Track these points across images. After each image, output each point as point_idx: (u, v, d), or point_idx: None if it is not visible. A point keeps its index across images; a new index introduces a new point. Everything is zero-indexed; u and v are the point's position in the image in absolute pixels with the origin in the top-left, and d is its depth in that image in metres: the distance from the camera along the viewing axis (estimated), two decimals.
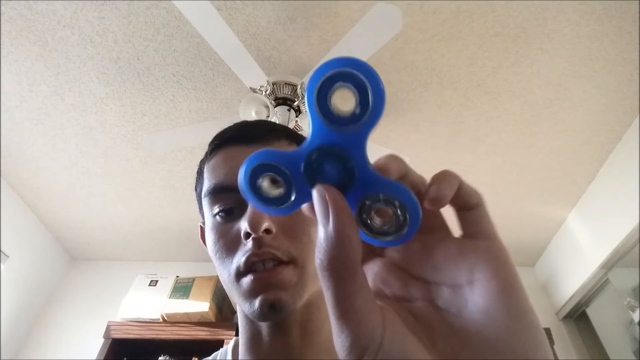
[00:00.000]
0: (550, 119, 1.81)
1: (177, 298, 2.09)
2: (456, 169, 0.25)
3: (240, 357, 0.50)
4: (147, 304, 2.09)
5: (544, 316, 2.43)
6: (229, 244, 0.46)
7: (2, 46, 1.58)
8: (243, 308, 0.45)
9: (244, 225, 0.43)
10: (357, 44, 1.36)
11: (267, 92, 1.56)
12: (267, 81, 1.53)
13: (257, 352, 0.48)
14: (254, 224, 0.42)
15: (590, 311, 2.28)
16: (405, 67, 1.63)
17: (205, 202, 0.50)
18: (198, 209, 0.55)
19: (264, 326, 0.47)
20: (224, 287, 0.48)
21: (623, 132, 1.86)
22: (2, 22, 1.50)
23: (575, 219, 2.26)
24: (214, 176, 0.49)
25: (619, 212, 1.89)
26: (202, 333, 2.00)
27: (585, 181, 2.11)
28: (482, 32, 1.51)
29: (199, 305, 2.04)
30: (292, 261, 0.44)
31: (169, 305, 2.07)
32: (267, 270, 0.43)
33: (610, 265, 2.03)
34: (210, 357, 0.54)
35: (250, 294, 0.43)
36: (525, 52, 1.57)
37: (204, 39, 1.37)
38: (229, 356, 0.53)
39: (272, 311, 0.42)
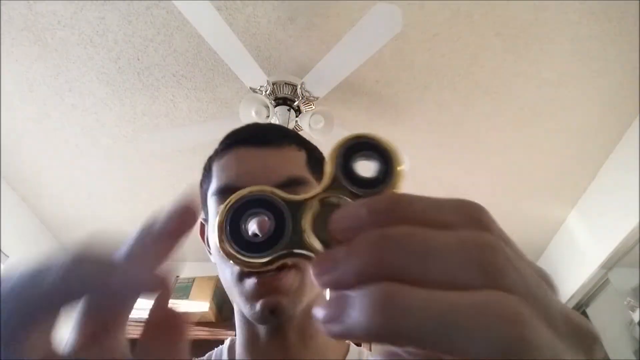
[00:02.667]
0: (550, 119, 1.81)
1: (177, 298, 2.09)
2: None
3: (237, 357, 0.50)
4: (147, 304, 2.09)
5: None
6: None
7: (2, 46, 1.58)
8: (243, 309, 0.46)
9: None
10: (357, 44, 1.36)
11: (267, 92, 1.56)
12: (267, 81, 1.53)
13: (254, 352, 0.48)
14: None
15: (590, 311, 2.28)
16: (405, 67, 1.63)
17: (212, 200, 0.50)
18: (202, 205, 0.56)
19: (262, 328, 0.47)
20: (224, 286, 0.49)
21: (623, 132, 1.86)
22: (2, 22, 1.50)
23: (575, 219, 2.26)
24: (225, 176, 0.50)
25: (619, 212, 1.89)
26: (202, 333, 2.00)
27: (585, 181, 2.11)
28: (482, 32, 1.51)
29: (199, 305, 2.04)
30: (294, 265, 0.45)
31: None
32: (270, 273, 0.43)
33: (610, 265, 2.03)
34: (205, 357, 0.55)
35: (253, 296, 0.44)
36: (525, 52, 1.57)
37: (204, 39, 1.37)
38: (225, 356, 0.53)
39: (272, 315, 0.43)
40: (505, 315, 0.13)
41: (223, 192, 0.49)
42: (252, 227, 0.19)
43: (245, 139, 0.52)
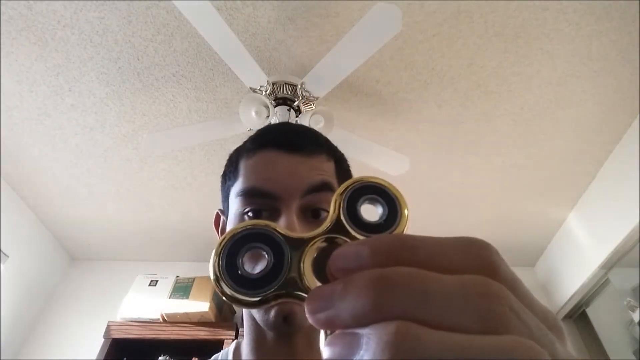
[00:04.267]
0: (550, 119, 1.81)
1: (177, 298, 2.09)
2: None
3: (243, 358, 0.51)
4: (147, 304, 2.09)
5: None
6: None
7: (2, 46, 1.58)
8: (255, 314, 0.46)
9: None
10: (357, 44, 1.36)
11: (267, 92, 1.56)
12: (267, 81, 1.53)
13: (261, 354, 0.49)
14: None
15: (590, 311, 2.28)
16: (405, 67, 1.63)
17: (236, 200, 0.50)
18: (222, 197, 0.56)
19: (270, 333, 0.48)
20: None
21: (623, 132, 1.86)
22: (2, 22, 1.50)
23: (575, 219, 2.26)
24: (252, 178, 0.50)
25: (619, 212, 1.89)
26: (202, 333, 2.00)
27: (585, 181, 2.11)
28: (482, 32, 1.51)
29: (199, 305, 2.04)
30: None
31: (169, 305, 2.07)
32: None
33: (610, 265, 2.03)
34: (212, 359, 0.55)
35: None
36: (525, 52, 1.57)
37: (204, 39, 1.37)
38: (230, 356, 0.53)
39: (285, 323, 0.43)
40: (526, 354, 0.13)
41: (249, 195, 0.49)
42: (255, 265, 0.18)
43: (278, 142, 0.51)
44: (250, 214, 0.48)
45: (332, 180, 0.50)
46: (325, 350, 0.15)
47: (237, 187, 0.51)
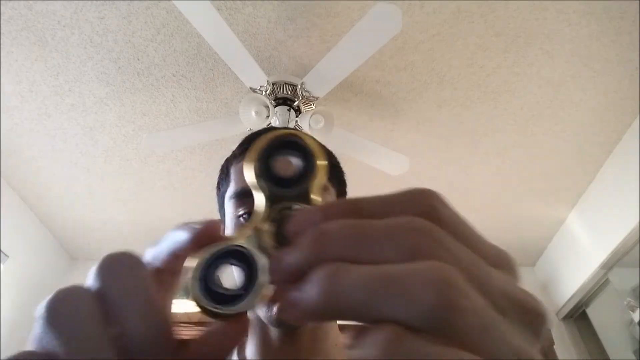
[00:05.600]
0: (550, 119, 1.81)
1: (177, 298, 2.09)
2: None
3: (247, 358, 0.51)
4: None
5: None
6: None
7: (2, 46, 1.58)
8: (259, 311, 0.46)
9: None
10: (357, 44, 1.36)
11: (267, 92, 1.56)
12: (267, 81, 1.53)
13: (266, 354, 0.49)
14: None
15: (590, 311, 2.28)
16: (405, 67, 1.63)
17: (230, 203, 0.51)
18: (218, 206, 0.57)
19: (274, 331, 0.48)
20: None
21: (623, 132, 1.86)
22: (2, 22, 1.50)
23: (575, 219, 2.26)
24: (242, 180, 0.51)
25: (619, 212, 1.89)
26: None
27: (585, 181, 2.11)
28: (482, 32, 1.51)
29: None
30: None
31: None
32: None
33: (610, 265, 2.03)
34: None
35: (270, 298, 0.44)
36: (525, 52, 1.57)
37: (204, 39, 1.37)
38: (234, 356, 0.53)
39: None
40: (435, 279, 0.14)
41: (241, 196, 0.50)
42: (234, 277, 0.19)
43: None
44: (245, 216, 0.49)
45: None
46: (275, 308, 0.17)
47: (229, 192, 0.52)
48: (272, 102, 1.55)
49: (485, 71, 1.64)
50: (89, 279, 0.18)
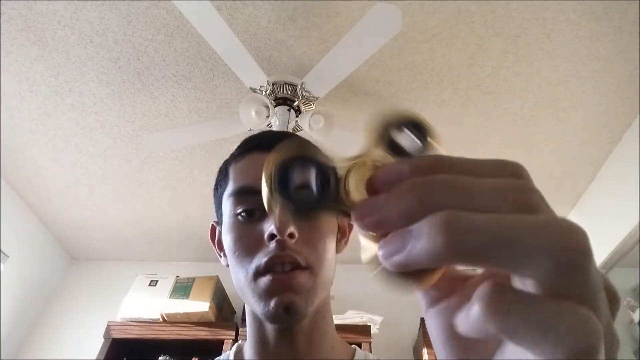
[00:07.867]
0: (550, 119, 1.81)
1: (177, 298, 2.09)
2: None
3: (246, 358, 0.51)
4: (147, 304, 2.09)
5: None
6: (249, 244, 0.47)
7: (2, 46, 1.58)
8: (256, 308, 0.46)
9: (269, 227, 0.45)
10: (357, 44, 1.36)
11: (267, 92, 1.56)
12: (267, 81, 1.53)
13: (263, 354, 0.49)
14: (280, 227, 0.44)
15: None
16: (405, 67, 1.63)
17: (228, 202, 0.51)
18: (215, 207, 0.57)
19: (271, 330, 0.49)
20: (237, 287, 0.50)
21: (623, 132, 1.86)
22: (2, 22, 1.50)
23: (575, 219, 2.25)
24: (242, 178, 0.51)
25: (619, 212, 1.89)
26: (202, 333, 2.00)
27: (585, 181, 2.11)
28: (482, 32, 1.51)
29: (199, 305, 2.03)
30: (308, 267, 0.46)
31: (169, 305, 2.06)
32: (285, 272, 0.45)
33: (610, 265, 2.03)
34: None
35: (267, 294, 0.45)
36: (525, 52, 1.57)
37: (204, 39, 1.37)
38: (231, 357, 0.54)
39: (286, 313, 0.44)
40: (563, 237, 0.14)
41: (239, 194, 0.50)
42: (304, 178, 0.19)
43: (262, 144, 0.54)
44: (243, 214, 0.49)
45: None
46: (379, 253, 0.16)
47: (228, 191, 0.52)
48: (272, 102, 1.55)
49: (485, 71, 1.64)
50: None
